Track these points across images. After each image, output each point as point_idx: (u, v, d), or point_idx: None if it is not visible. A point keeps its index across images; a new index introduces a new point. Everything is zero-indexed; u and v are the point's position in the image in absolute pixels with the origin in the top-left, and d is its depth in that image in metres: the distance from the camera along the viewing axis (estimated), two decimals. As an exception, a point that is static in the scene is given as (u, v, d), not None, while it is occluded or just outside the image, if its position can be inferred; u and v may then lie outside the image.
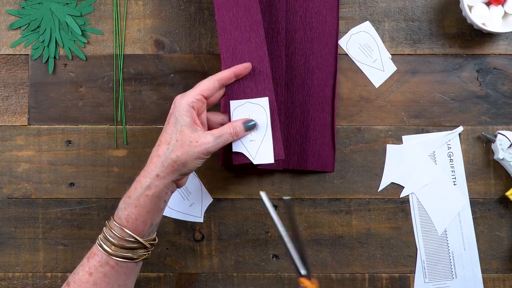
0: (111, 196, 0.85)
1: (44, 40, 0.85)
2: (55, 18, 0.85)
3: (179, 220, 0.85)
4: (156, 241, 0.72)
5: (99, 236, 0.70)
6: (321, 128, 0.84)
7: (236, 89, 0.75)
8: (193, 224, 0.85)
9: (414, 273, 0.84)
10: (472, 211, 0.84)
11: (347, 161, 0.85)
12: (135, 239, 0.68)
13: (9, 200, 0.85)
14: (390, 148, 0.85)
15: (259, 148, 0.73)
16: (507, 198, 0.83)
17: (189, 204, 0.84)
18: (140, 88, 0.86)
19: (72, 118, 0.85)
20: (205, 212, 0.85)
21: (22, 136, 0.85)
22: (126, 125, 0.85)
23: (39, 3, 0.85)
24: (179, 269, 0.85)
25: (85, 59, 0.86)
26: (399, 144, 0.85)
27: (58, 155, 0.85)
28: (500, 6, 0.81)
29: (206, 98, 0.71)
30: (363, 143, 0.85)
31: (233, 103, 0.74)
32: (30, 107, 0.85)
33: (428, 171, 0.84)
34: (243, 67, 0.74)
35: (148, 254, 0.71)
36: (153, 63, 0.86)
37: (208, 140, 0.68)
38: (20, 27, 0.86)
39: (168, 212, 0.84)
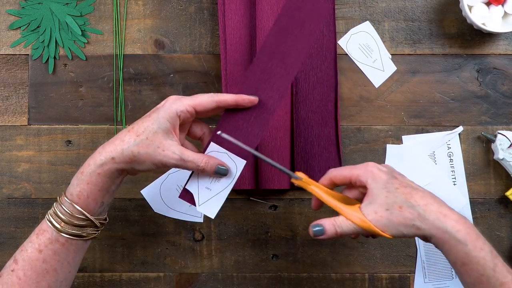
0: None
1: (44, 40, 0.85)
2: (55, 18, 0.85)
3: (179, 220, 0.85)
4: (107, 221, 0.71)
5: (49, 211, 0.69)
6: (326, 143, 0.84)
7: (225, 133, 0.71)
8: (193, 224, 0.85)
9: (414, 273, 0.84)
10: (472, 211, 0.84)
11: (347, 161, 0.85)
12: (86, 216, 0.67)
13: (9, 200, 0.85)
14: (390, 148, 0.85)
15: (210, 200, 0.71)
16: (507, 198, 0.83)
17: (189, 204, 0.84)
18: (140, 88, 0.86)
19: (72, 118, 0.85)
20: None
21: (22, 136, 0.85)
22: (126, 125, 0.85)
23: (39, 3, 0.85)
24: (179, 269, 0.85)
25: (85, 59, 0.86)
26: (399, 144, 0.85)
27: (58, 155, 0.85)
28: (500, 6, 0.81)
29: (197, 112, 0.68)
30: (363, 143, 0.85)
31: (213, 146, 0.70)
32: (30, 107, 0.85)
33: (428, 171, 0.84)
34: (248, 100, 0.69)
35: (98, 233, 0.70)
36: (153, 63, 0.86)
37: (172, 156, 0.66)
38: (20, 27, 0.86)
39: (168, 212, 0.84)
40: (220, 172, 0.69)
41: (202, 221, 0.85)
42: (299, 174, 0.69)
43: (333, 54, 0.84)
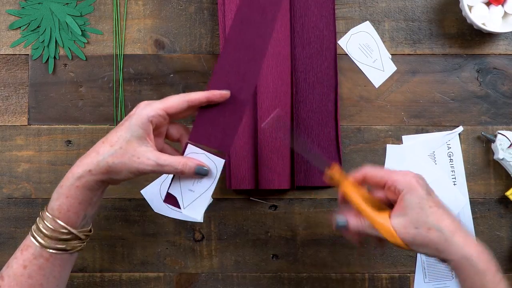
0: (111, 196, 0.85)
1: (44, 40, 0.85)
2: (55, 18, 0.85)
3: (179, 220, 0.85)
4: (92, 233, 0.70)
5: (32, 227, 0.68)
6: (326, 143, 0.84)
7: (201, 133, 0.70)
8: (193, 224, 0.85)
9: (414, 273, 0.84)
10: (472, 211, 0.84)
11: (347, 161, 0.85)
12: (68, 230, 0.67)
13: (9, 200, 0.85)
14: (390, 148, 0.85)
15: (194, 201, 0.70)
16: (507, 198, 0.83)
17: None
18: (140, 88, 0.86)
19: (72, 118, 0.85)
20: (205, 212, 0.84)
21: (22, 136, 0.85)
22: (126, 125, 0.85)
23: (39, 3, 0.85)
24: (179, 269, 0.85)
25: (85, 59, 0.86)
26: (399, 144, 0.85)
27: (58, 155, 0.85)
28: (500, 6, 0.81)
29: (170, 115, 0.68)
30: (363, 143, 0.85)
31: (191, 148, 0.70)
32: (30, 107, 0.85)
33: (428, 171, 0.84)
34: (220, 95, 0.68)
35: (83, 245, 0.69)
36: (153, 63, 0.86)
37: (148, 162, 0.66)
38: (20, 27, 0.86)
39: (168, 212, 0.84)
40: (201, 173, 0.68)
41: (202, 221, 0.84)
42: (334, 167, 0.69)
43: (333, 54, 0.84)
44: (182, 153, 0.70)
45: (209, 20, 0.86)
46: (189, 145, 0.70)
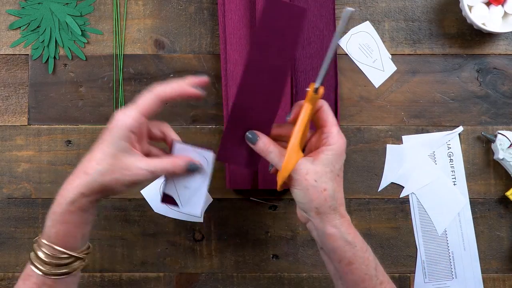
0: (111, 196, 0.85)
1: (44, 40, 0.85)
2: (55, 18, 0.85)
3: (179, 220, 0.85)
4: (90, 248, 0.69)
5: (30, 255, 0.65)
6: None
7: (227, 152, 0.69)
8: (193, 224, 0.85)
9: (414, 273, 0.84)
10: (472, 211, 0.84)
11: (347, 161, 0.85)
12: (69, 254, 0.65)
13: (9, 200, 0.85)
14: (390, 148, 0.85)
15: (191, 198, 0.70)
16: (507, 198, 0.83)
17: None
18: (140, 88, 0.86)
19: (72, 118, 0.85)
20: (205, 212, 0.85)
21: (22, 136, 0.85)
22: (126, 125, 0.85)
23: (39, 3, 0.85)
24: (179, 269, 0.85)
25: (85, 59, 0.86)
26: (399, 144, 0.85)
27: (58, 155, 0.85)
28: (500, 6, 0.81)
29: (147, 117, 0.66)
30: (363, 143, 0.85)
31: (178, 145, 0.69)
32: (30, 107, 0.85)
33: (428, 171, 0.84)
34: (195, 82, 0.68)
35: (85, 263, 0.68)
36: (153, 63, 0.86)
37: (140, 172, 0.65)
38: (20, 27, 0.86)
39: (168, 212, 0.84)
40: (192, 169, 0.68)
41: (202, 221, 0.85)
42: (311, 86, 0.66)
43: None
44: (170, 152, 0.70)
45: (209, 20, 0.86)
46: (176, 143, 0.69)
